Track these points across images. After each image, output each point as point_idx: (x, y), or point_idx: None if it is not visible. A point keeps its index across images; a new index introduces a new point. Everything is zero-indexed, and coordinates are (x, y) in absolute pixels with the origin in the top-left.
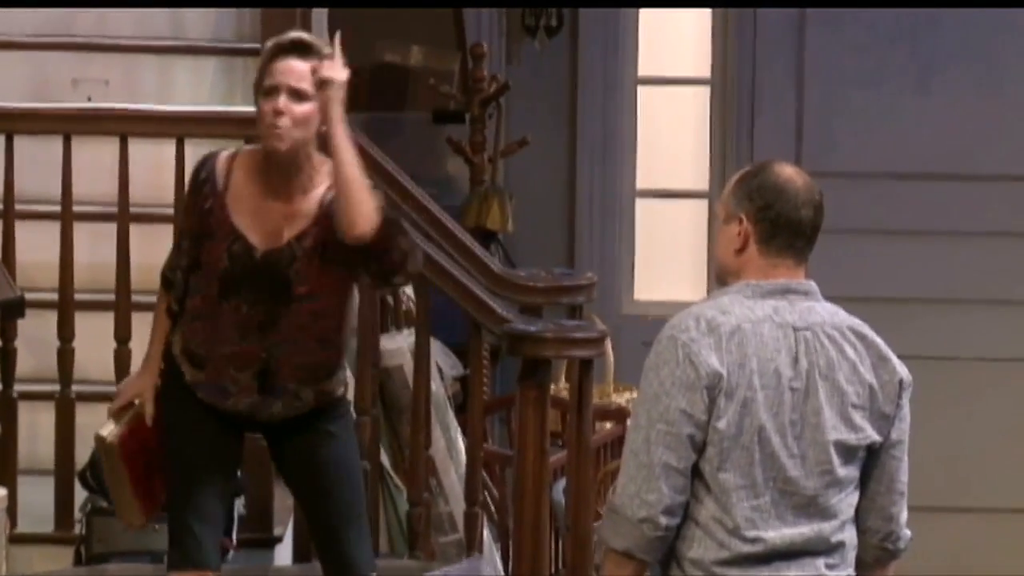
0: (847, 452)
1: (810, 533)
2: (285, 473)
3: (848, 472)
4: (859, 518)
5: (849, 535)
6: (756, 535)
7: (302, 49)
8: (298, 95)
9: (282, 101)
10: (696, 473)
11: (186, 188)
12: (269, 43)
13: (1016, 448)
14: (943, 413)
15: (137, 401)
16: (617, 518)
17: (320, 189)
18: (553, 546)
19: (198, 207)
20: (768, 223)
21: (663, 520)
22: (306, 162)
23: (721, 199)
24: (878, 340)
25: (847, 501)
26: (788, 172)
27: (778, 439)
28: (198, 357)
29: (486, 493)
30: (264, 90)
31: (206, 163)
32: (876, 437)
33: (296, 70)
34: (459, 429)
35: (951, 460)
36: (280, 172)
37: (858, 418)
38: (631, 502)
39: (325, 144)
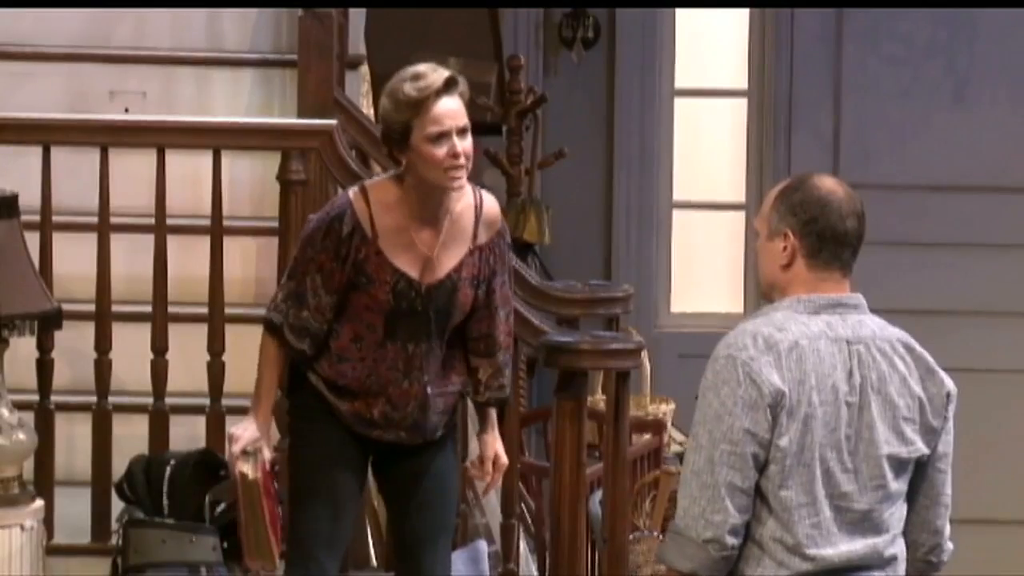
0: (899, 466)
1: (865, 549)
2: (388, 481)
3: (899, 486)
4: (905, 531)
5: (900, 548)
6: (815, 553)
7: (453, 86)
8: (463, 132)
9: (457, 144)
10: (757, 492)
11: (323, 241)
12: (408, 87)
13: None
14: (980, 425)
15: (252, 448)
16: (682, 539)
17: (466, 211)
18: (589, 558)
19: (350, 259)
20: (814, 237)
21: (729, 540)
22: None
23: (761, 216)
24: (925, 353)
25: (897, 515)
26: (829, 184)
27: (834, 455)
28: (348, 391)
29: (523, 505)
30: (431, 136)
31: (344, 214)
32: (925, 450)
33: (456, 109)
34: None
35: (986, 472)
36: (433, 203)
37: (909, 431)
38: (696, 523)
39: None
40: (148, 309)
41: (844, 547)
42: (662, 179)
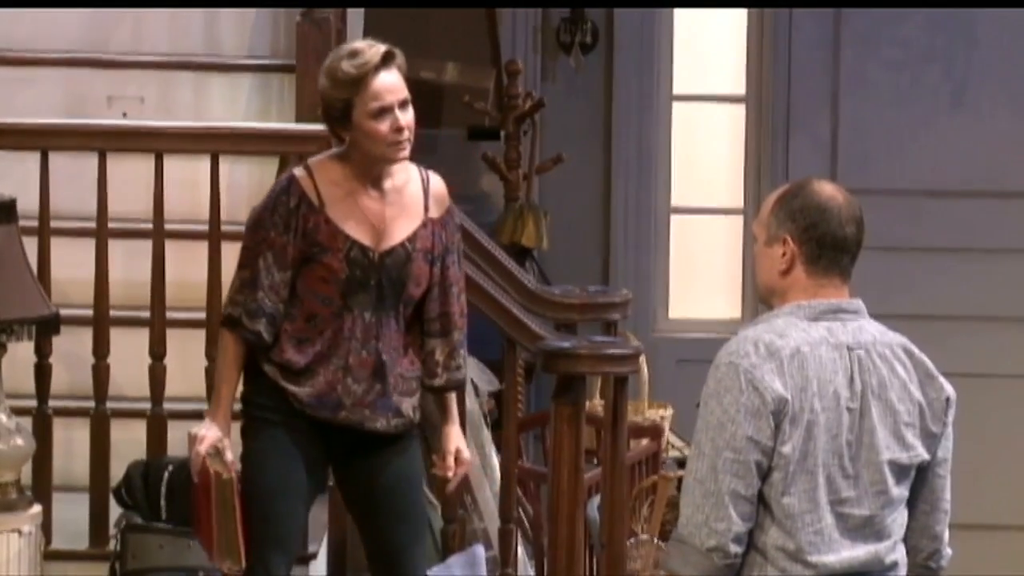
0: (900, 471)
1: (866, 555)
2: (357, 497)
3: (900, 491)
4: (904, 537)
5: (901, 555)
6: (818, 560)
7: (390, 60)
8: (403, 104)
9: (401, 117)
10: (759, 499)
11: (271, 218)
12: (346, 65)
13: None
14: (978, 430)
15: (217, 448)
16: (685, 547)
17: (413, 184)
18: (587, 563)
19: (300, 229)
20: (814, 243)
21: (733, 548)
22: None
23: (759, 221)
24: (925, 358)
25: (899, 521)
26: (829, 190)
27: (836, 461)
28: (309, 372)
29: (520, 510)
30: (373, 112)
31: (290, 187)
32: (926, 455)
33: (395, 82)
34: (494, 446)
35: (985, 477)
36: (371, 174)
37: (909, 436)
38: (699, 531)
39: None
40: (146, 314)
41: (846, 554)
42: (660, 184)
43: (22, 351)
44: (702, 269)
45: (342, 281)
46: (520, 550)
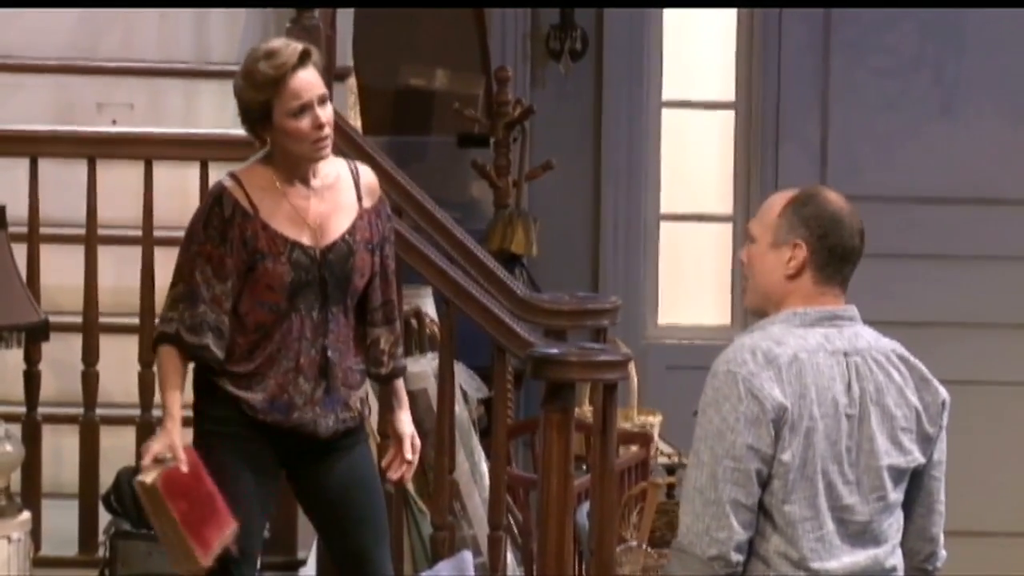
0: (898, 476)
1: (866, 560)
2: (312, 507)
3: (897, 495)
4: (901, 540)
5: (899, 558)
6: (819, 566)
7: (306, 59)
8: (322, 101)
9: (321, 113)
10: (760, 507)
11: (206, 231)
12: (264, 66)
13: None
14: (966, 437)
15: (169, 455)
16: (686, 557)
17: (343, 178)
18: (577, 570)
19: (239, 239)
20: (826, 251)
21: (734, 556)
22: None
23: (762, 223)
24: (919, 363)
25: (896, 525)
26: (838, 200)
27: (835, 467)
28: (259, 377)
29: (510, 517)
30: (293, 111)
31: (222, 198)
32: (922, 459)
33: (312, 79)
34: (483, 453)
35: (975, 484)
36: (298, 174)
37: (907, 441)
38: (700, 540)
39: None
40: (135, 321)
41: (847, 559)
42: (649, 191)
43: (11, 358)
44: (691, 276)
45: (287, 284)
46: (509, 557)
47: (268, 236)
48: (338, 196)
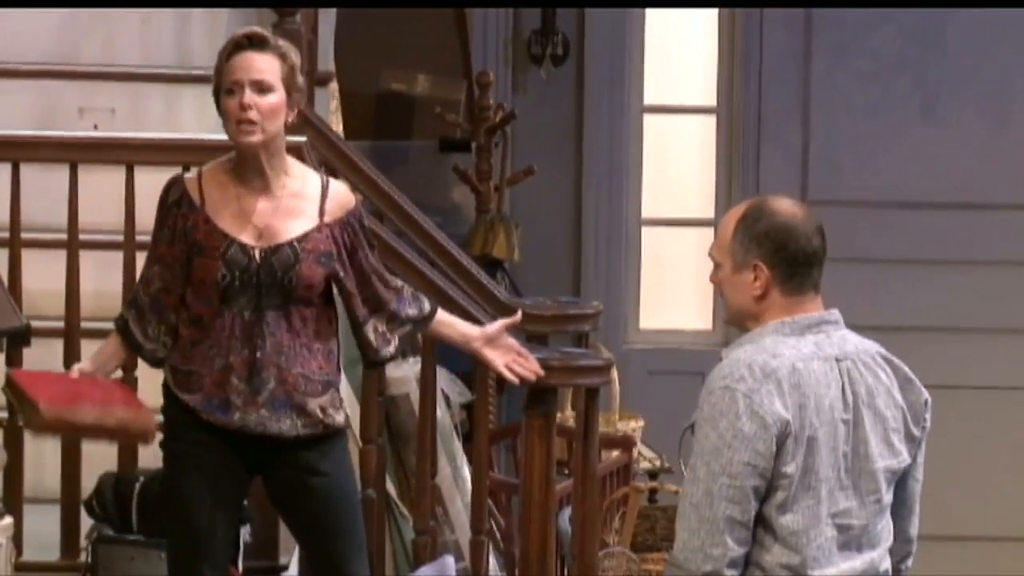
0: (891, 477)
1: (863, 565)
2: (288, 516)
3: (889, 497)
4: None
5: (888, 561)
6: (820, 574)
7: (259, 43)
8: (261, 87)
9: (247, 95)
10: (759, 519)
11: (156, 218)
12: (220, 50)
13: (1022, 477)
14: (949, 441)
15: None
16: (680, 573)
17: (310, 189)
18: (559, 574)
19: (179, 229)
20: (787, 263)
21: (728, 573)
22: (277, 155)
23: (720, 247)
24: (901, 363)
25: (888, 527)
26: (787, 206)
27: (834, 474)
28: (195, 376)
29: (492, 521)
30: (225, 89)
31: (174, 186)
32: (909, 460)
33: (256, 63)
34: (465, 457)
35: (956, 488)
36: (255, 171)
37: (897, 442)
38: (695, 556)
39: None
40: None
41: (845, 565)
42: (631, 195)
43: None
44: (673, 280)
45: (218, 281)
46: (491, 562)
47: (208, 229)
48: (297, 204)
